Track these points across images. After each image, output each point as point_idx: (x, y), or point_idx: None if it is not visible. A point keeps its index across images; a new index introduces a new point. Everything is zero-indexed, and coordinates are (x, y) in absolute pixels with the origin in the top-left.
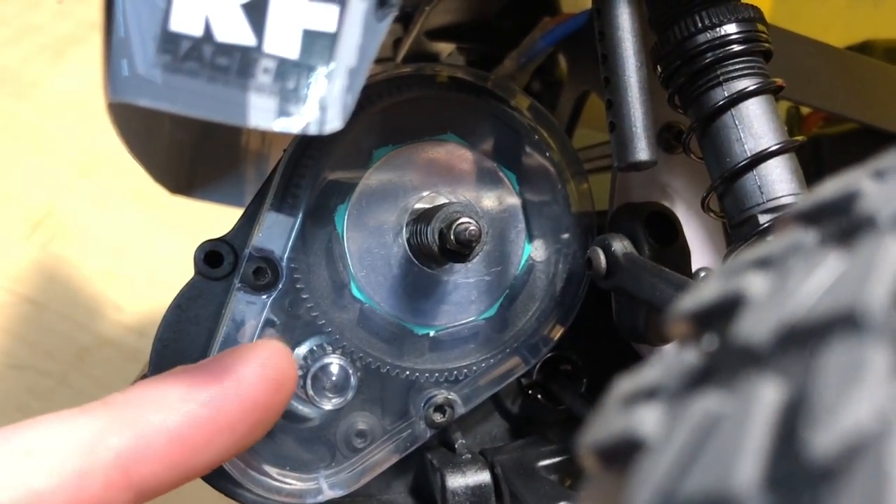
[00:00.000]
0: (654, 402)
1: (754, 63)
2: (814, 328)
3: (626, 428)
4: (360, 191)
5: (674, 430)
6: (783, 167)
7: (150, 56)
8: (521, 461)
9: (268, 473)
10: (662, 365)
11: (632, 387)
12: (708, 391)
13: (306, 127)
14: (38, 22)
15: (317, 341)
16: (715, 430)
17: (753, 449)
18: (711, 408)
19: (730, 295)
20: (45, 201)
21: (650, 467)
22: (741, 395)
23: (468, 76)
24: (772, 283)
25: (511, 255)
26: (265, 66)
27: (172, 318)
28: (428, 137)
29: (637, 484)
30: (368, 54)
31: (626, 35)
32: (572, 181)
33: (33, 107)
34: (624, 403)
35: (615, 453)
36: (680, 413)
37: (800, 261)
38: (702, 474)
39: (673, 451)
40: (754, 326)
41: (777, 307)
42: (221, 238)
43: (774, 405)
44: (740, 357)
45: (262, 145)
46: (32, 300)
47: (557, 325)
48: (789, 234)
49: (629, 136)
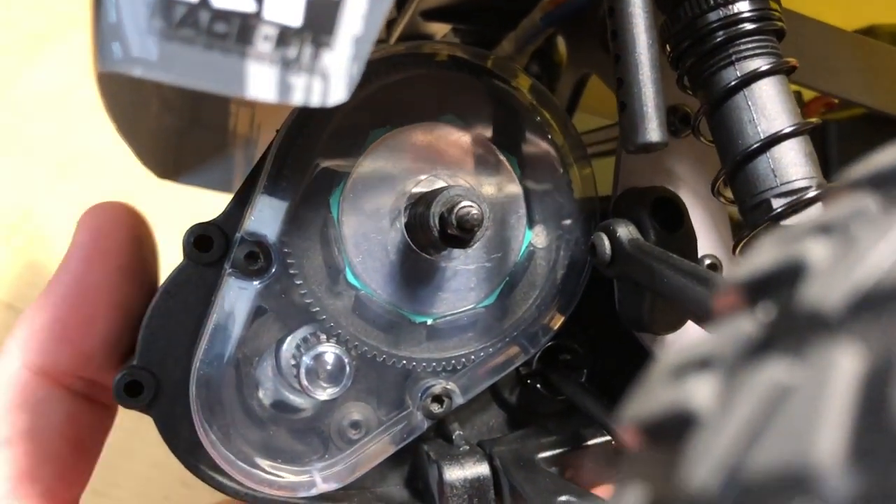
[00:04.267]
0: (708, 373)
1: (767, 42)
2: (893, 291)
3: (677, 400)
4: (356, 174)
5: (735, 401)
6: (798, 150)
7: (143, 24)
8: (520, 453)
9: (259, 466)
10: (714, 335)
11: (680, 358)
12: (773, 360)
13: (308, 98)
14: (10, 16)
15: (310, 329)
16: (786, 400)
17: (835, 418)
18: (780, 377)
19: (790, 261)
20: (21, 204)
21: (709, 441)
22: (815, 362)
23: (467, 55)
24: (836, 248)
25: (511, 242)
26: (265, 33)
27: (160, 304)
28: (426, 119)
29: (695, 459)
30: (375, 22)
31: (638, 10)
32: (575, 165)
33: (6, 106)
34: (673, 375)
35: (665, 428)
36: (741, 384)
37: (866, 226)
38: (775, 446)
39: (736, 424)
40: (822, 292)
41: (847, 272)
42: (211, 222)
43: (855, 372)
44: (807, 325)
45: (250, 130)
46: (11, 306)
47: (558, 314)
48: (847, 202)
49: (640, 116)
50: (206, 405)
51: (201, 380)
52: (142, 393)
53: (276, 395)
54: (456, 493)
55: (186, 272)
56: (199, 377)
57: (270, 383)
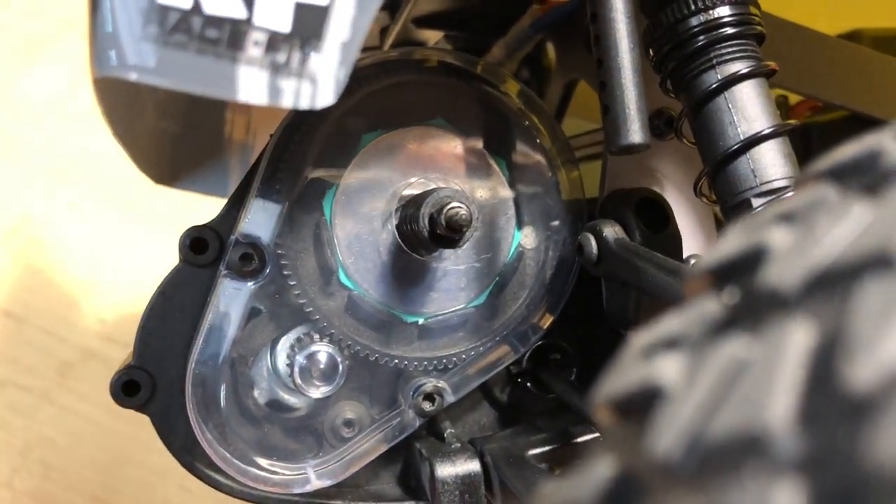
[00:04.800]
0: (674, 351)
1: (747, 46)
2: (845, 271)
3: (645, 377)
4: (348, 177)
5: (698, 376)
6: (777, 150)
7: (138, 30)
8: (510, 450)
9: (255, 463)
10: (681, 317)
11: (649, 339)
12: (733, 337)
13: (297, 101)
14: (7, 20)
15: (304, 330)
16: (743, 372)
17: (786, 386)
18: (738, 352)
19: (753, 247)
20: (18, 209)
21: (674, 412)
22: (770, 337)
23: (457, 61)
24: (796, 234)
25: (501, 242)
26: (256, 38)
27: (156, 305)
28: (417, 123)
29: (660, 428)
30: (361, 28)
31: (620, 16)
32: (563, 168)
33: (4, 110)
34: (642, 355)
35: (634, 403)
36: (704, 360)
37: (824, 213)
38: (732, 413)
39: (698, 396)
40: (781, 274)
41: (804, 255)
42: (207, 224)
43: (806, 344)
44: (766, 304)
45: (246, 136)
46: (9, 313)
47: (547, 314)
48: (809, 191)
49: (622, 118)
50: (201, 404)
51: (197, 379)
52: (139, 392)
53: (270, 394)
54: (447, 489)
55: (182, 274)
56: (194, 376)
57: (265, 382)
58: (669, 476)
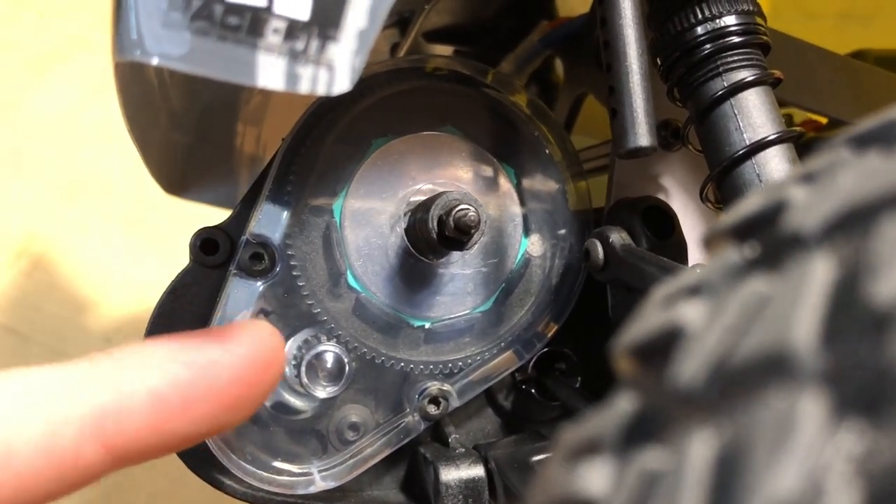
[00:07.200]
0: (696, 297)
1: (753, 55)
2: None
3: (667, 321)
4: (358, 180)
5: (720, 312)
6: (781, 157)
7: (160, 16)
8: (515, 455)
9: (259, 464)
10: (704, 268)
11: (671, 288)
12: (755, 277)
13: (314, 88)
14: (17, 37)
15: (311, 332)
16: (766, 305)
17: (809, 310)
18: (760, 288)
19: (775, 202)
20: (26, 227)
21: (696, 345)
22: (792, 273)
23: (468, 69)
24: (817, 187)
25: (508, 249)
26: (275, 26)
27: (166, 304)
28: (427, 129)
29: (682, 361)
30: (379, 17)
31: (629, 22)
32: (571, 178)
33: (13, 128)
34: (663, 304)
35: (656, 346)
36: (726, 299)
37: (841, 168)
38: (755, 338)
39: (720, 329)
40: (803, 217)
41: (826, 200)
42: (218, 226)
43: (828, 275)
44: (788, 245)
45: (256, 148)
46: (16, 331)
47: (552, 321)
48: (827, 156)
49: (630, 121)
50: None
51: None
52: None
53: (277, 397)
54: (451, 493)
55: (192, 274)
56: None
57: None
58: (692, 404)
